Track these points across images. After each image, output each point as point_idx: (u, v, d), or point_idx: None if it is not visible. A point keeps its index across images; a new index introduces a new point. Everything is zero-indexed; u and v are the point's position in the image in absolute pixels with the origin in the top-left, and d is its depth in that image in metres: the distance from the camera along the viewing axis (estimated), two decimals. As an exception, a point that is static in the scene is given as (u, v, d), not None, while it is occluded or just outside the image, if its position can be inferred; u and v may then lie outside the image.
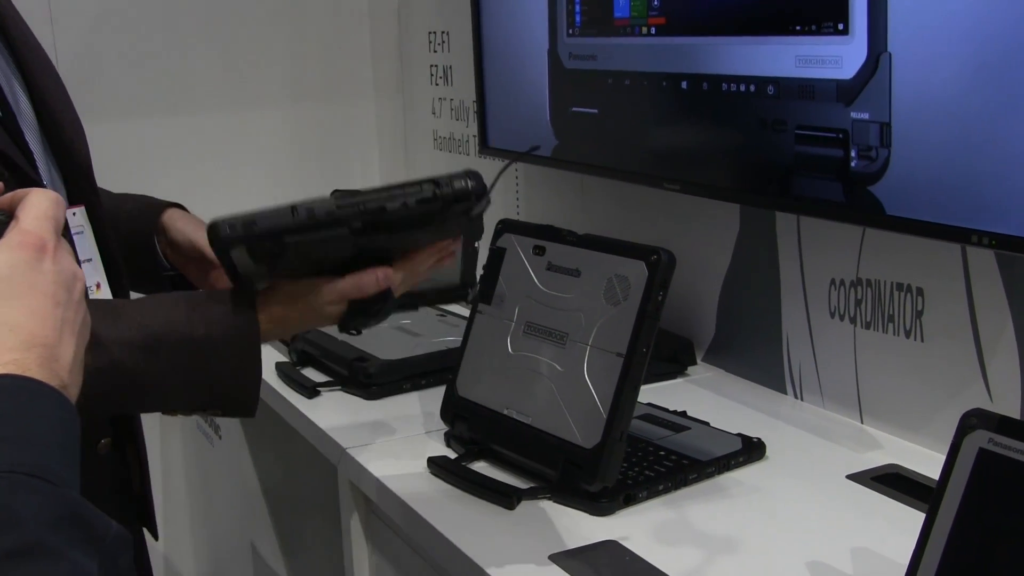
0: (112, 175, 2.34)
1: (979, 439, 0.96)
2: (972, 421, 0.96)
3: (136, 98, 2.42)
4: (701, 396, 1.69)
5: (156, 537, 1.46)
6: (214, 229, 1.07)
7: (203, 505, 2.54)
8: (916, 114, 1.27)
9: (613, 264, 1.34)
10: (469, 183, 1.08)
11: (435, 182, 1.07)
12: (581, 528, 1.27)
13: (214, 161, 2.51)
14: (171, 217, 1.43)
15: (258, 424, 2.06)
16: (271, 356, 1.89)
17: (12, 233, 0.77)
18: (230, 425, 2.17)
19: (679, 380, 1.76)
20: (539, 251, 1.44)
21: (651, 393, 1.66)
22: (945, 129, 1.24)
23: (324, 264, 1.13)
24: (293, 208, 1.06)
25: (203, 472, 2.48)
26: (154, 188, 2.40)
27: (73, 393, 0.74)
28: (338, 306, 1.14)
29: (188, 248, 1.40)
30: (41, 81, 1.24)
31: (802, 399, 1.64)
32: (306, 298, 1.13)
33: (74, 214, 1.24)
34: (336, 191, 1.11)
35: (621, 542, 1.23)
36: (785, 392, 1.67)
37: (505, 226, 1.51)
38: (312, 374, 1.81)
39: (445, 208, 1.07)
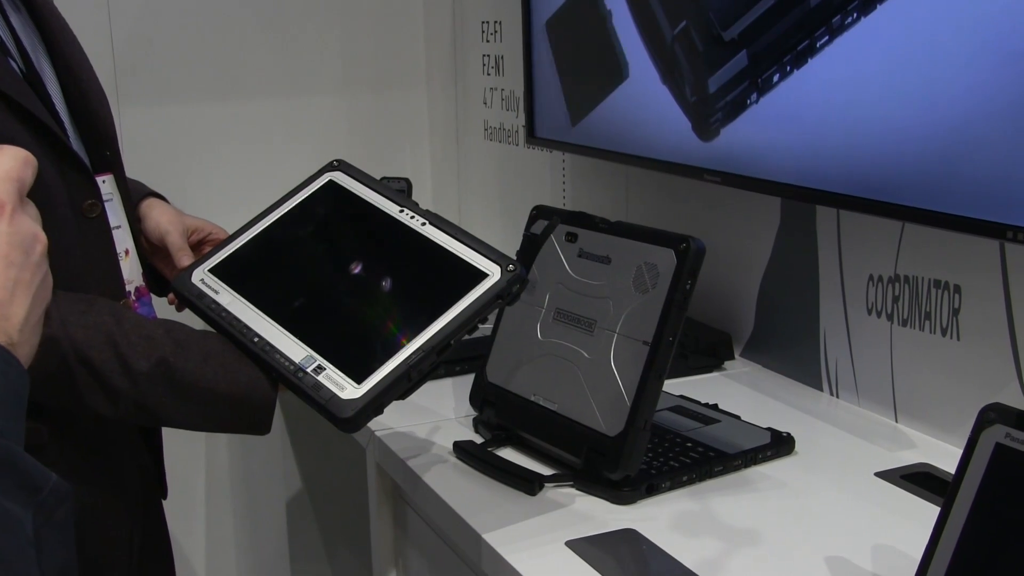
0: (164, 159, 2.40)
1: (996, 434, 0.94)
2: (990, 416, 0.95)
3: (189, 83, 2.45)
4: (736, 390, 1.68)
5: (165, 496, 1.49)
6: (352, 425, 1.14)
7: (244, 489, 2.58)
8: (949, 101, 1.25)
9: (643, 252, 1.34)
10: (523, 287, 1.19)
11: (500, 297, 1.17)
12: (602, 516, 1.27)
13: (266, 147, 2.54)
14: (148, 207, 1.46)
15: (297, 410, 2.09)
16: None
17: None
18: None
19: (715, 374, 1.75)
20: (571, 238, 1.44)
21: (687, 386, 1.66)
22: (979, 117, 1.22)
23: None
24: (408, 375, 1.13)
25: (245, 454, 2.52)
26: (204, 173, 2.46)
27: (24, 352, 0.75)
28: None
29: (158, 241, 1.43)
30: (66, 51, 1.27)
31: (838, 396, 1.62)
32: None
33: (104, 181, 1.27)
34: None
35: (641, 531, 1.23)
36: (821, 389, 1.65)
37: (539, 212, 1.51)
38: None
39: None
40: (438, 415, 1.59)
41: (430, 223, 1.26)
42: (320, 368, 1.15)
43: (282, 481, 2.52)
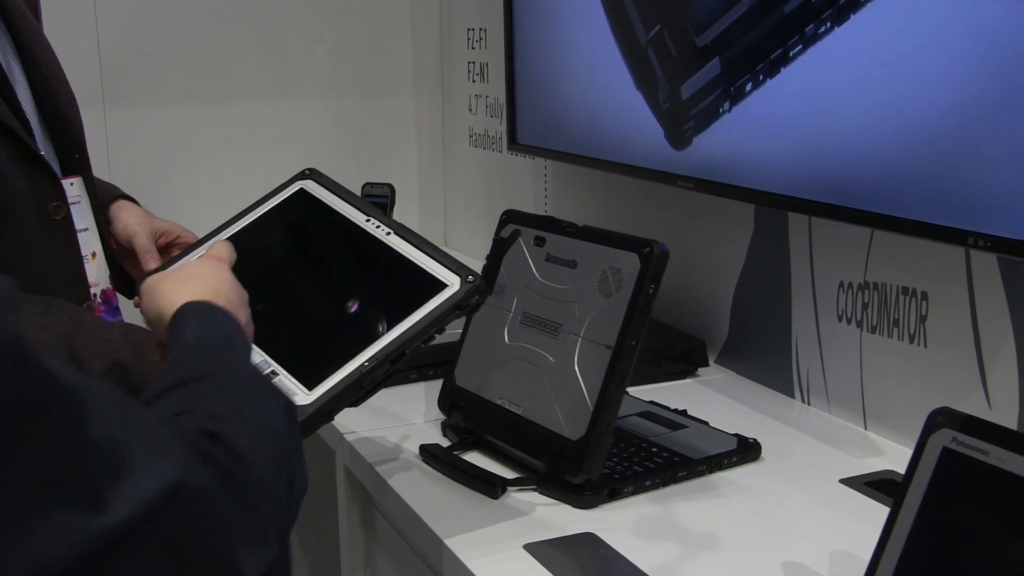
0: (150, 162, 2.40)
1: (943, 438, 0.94)
2: (938, 420, 0.95)
3: (176, 87, 2.46)
4: (708, 397, 1.68)
5: None
6: (306, 431, 1.13)
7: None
8: (916, 111, 1.25)
9: (608, 256, 1.34)
10: (482, 299, 1.20)
11: (458, 307, 1.18)
12: (563, 520, 1.27)
13: (253, 151, 2.55)
14: (118, 208, 1.46)
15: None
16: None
17: (204, 255, 1.16)
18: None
19: (689, 381, 1.75)
20: (539, 242, 1.44)
21: (659, 392, 1.66)
22: (946, 127, 1.22)
23: None
24: (361, 382, 1.15)
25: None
26: (192, 176, 2.46)
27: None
28: None
29: (126, 243, 1.43)
30: (36, 53, 1.27)
31: (809, 403, 1.62)
32: None
33: (71, 184, 1.27)
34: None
35: (601, 535, 1.23)
36: (793, 396, 1.65)
37: (509, 216, 1.51)
38: (325, 361, 1.83)
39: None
40: (408, 419, 1.59)
41: (394, 233, 1.26)
42: (273, 374, 1.15)
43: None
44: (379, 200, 2.36)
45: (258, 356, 1.17)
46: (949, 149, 1.23)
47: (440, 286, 1.18)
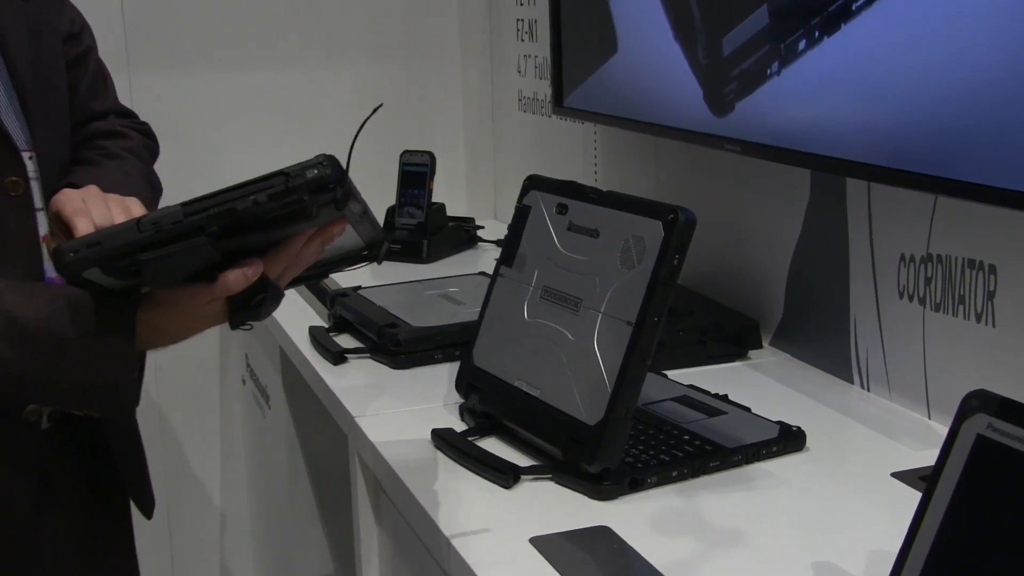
0: (176, 130, 2.40)
1: (978, 424, 0.89)
2: (972, 403, 0.90)
3: (205, 50, 2.46)
4: (757, 381, 1.62)
5: (147, 516, 1.48)
6: (58, 255, 1.04)
7: (257, 477, 2.59)
8: (980, 67, 1.19)
9: (630, 224, 1.30)
10: (324, 171, 1.01)
11: (285, 174, 1.01)
12: (578, 512, 1.24)
13: (288, 118, 2.54)
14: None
15: (301, 393, 2.08)
16: (306, 320, 1.90)
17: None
18: (277, 395, 2.20)
19: (739, 364, 1.70)
20: (562, 210, 1.41)
21: (704, 376, 1.61)
22: (1012, 83, 1.15)
23: (199, 267, 1.07)
24: (138, 223, 1.02)
25: (257, 443, 2.52)
26: (224, 143, 2.46)
27: None
28: (215, 304, 1.09)
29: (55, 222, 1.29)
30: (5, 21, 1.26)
31: (868, 389, 1.56)
32: (182, 304, 1.10)
33: (31, 158, 1.25)
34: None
35: (616, 529, 1.19)
36: (852, 381, 1.59)
37: (532, 183, 1.48)
38: (348, 341, 1.81)
39: (303, 201, 1.01)
40: (427, 401, 1.56)
41: None
42: None
43: (292, 472, 2.51)
44: (418, 168, 2.34)
45: None
46: (1014, 107, 1.16)
47: None
